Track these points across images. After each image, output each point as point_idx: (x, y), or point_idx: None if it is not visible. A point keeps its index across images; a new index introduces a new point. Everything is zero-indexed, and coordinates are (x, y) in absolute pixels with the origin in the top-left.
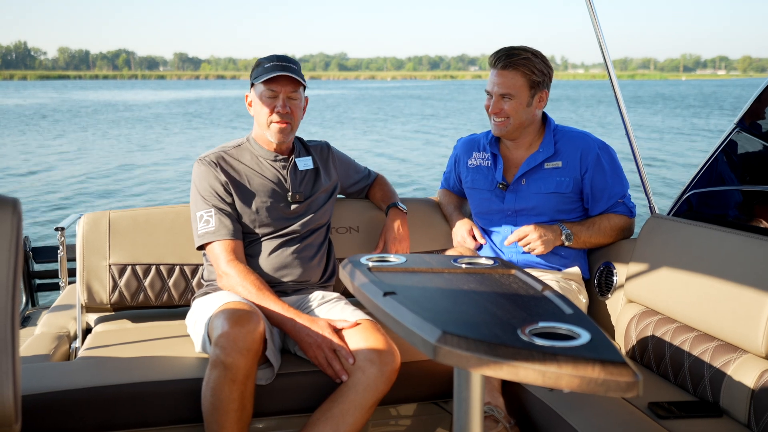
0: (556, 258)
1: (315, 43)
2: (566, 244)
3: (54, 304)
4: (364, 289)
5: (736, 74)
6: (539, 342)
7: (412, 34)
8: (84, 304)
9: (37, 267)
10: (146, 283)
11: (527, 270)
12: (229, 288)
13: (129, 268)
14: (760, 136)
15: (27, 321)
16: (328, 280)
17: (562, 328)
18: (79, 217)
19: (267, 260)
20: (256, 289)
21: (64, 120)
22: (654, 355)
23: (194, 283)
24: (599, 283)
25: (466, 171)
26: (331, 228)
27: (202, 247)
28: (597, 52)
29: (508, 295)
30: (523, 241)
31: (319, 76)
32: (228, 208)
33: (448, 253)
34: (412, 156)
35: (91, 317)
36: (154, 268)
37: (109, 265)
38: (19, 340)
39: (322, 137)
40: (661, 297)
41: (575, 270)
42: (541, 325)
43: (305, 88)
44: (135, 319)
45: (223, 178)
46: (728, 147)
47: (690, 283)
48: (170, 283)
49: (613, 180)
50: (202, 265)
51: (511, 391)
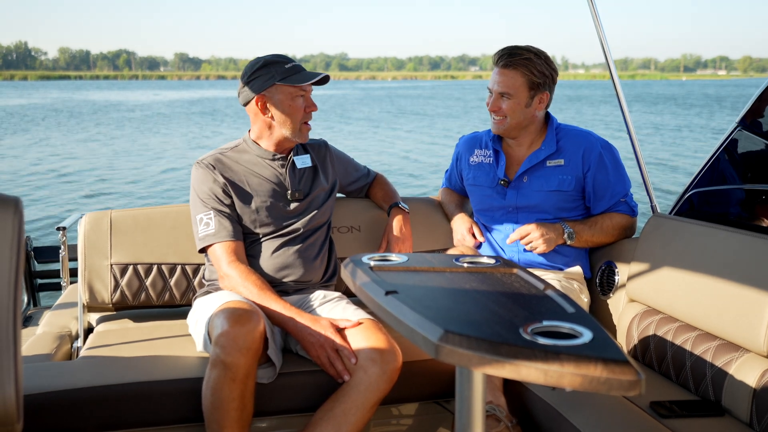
0: (557, 257)
1: (315, 43)
2: (568, 243)
3: (56, 304)
4: (366, 288)
5: (737, 74)
6: (541, 341)
7: (413, 35)
8: (85, 304)
9: (39, 267)
10: (148, 282)
11: (529, 269)
12: (231, 289)
13: (130, 268)
14: (761, 135)
15: (29, 321)
16: (330, 280)
17: (564, 326)
18: (81, 217)
19: (268, 260)
20: (258, 290)
21: (72, 120)
22: (656, 355)
23: (195, 282)
24: (601, 283)
25: (468, 168)
26: (333, 227)
27: (203, 250)
28: (597, 52)
29: (509, 293)
30: (525, 239)
31: None
32: (227, 210)
33: (450, 252)
34: (423, 156)
35: (93, 317)
36: (155, 268)
37: (111, 265)
38: (21, 339)
39: (337, 136)
40: (663, 296)
41: (577, 269)
42: (543, 323)
43: None
44: (136, 319)
45: (222, 180)
46: (730, 146)
47: (692, 282)
48: (172, 282)
49: (615, 179)
50: (204, 264)
51: (512, 390)
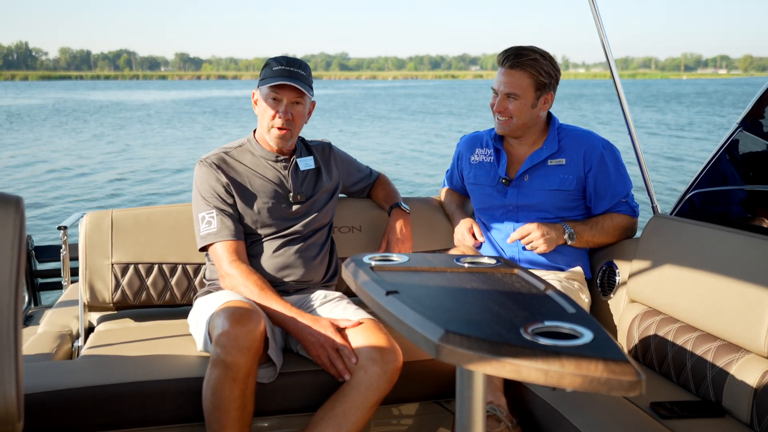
0: (558, 257)
1: (316, 42)
2: (569, 243)
3: (56, 303)
4: (367, 288)
5: (737, 73)
6: (542, 341)
7: (413, 34)
8: (86, 303)
9: (40, 266)
10: (149, 282)
11: (529, 270)
12: (231, 288)
13: (131, 267)
14: (762, 136)
15: (29, 320)
16: (331, 280)
17: (565, 327)
18: (82, 216)
19: (269, 260)
20: (259, 289)
21: (75, 120)
22: (656, 355)
23: (196, 282)
24: (602, 283)
25: (469, 167)
26: (334, 227)
27: (204, 249)
28: (598, 51)
29: (510, 294)
30: (526, 239)
31: (321, 76)
32: (229, 209)
33: (451, 252)
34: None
35: (94, 316)
36: (156, 267)
37: (112, 264)
38: (21, 338)
39: (351, 135)
40: (664, 297)
41: (577, 269)
42: (544, 324)
43: (312, 93)
44: (137, 318)
45: (225, 180)
46: (731, 146)
47: (692, 282)
48: (172, 282)
49: (616, 179)
50: (205, 264)
51: (513, 390)
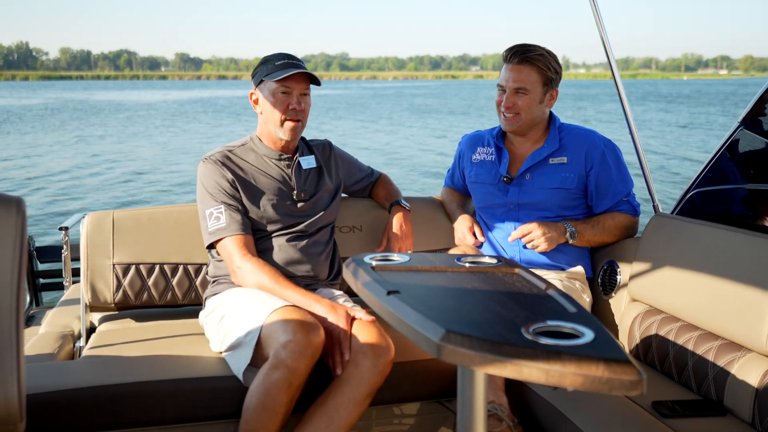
0: (559, 256)
1: (316, 42)
2: (570, 242)
3: (58, 304)
4: (368, 288)
5: (738, 74)
6: (543, 340)
7: (414, 34)
8: (88, 304)
9: (42, 267)
10: (150, 282)
11: (531, 269)
12: (244, 282)
13: (133, 268)
14: (763, 134)
15: (31, 320)
16: (335, 279)
17: (566, 326)
18: (83, 217)
19: (276, 256)
20: (273, 281)
21: (78, 120)
22: (658, 354)
23: (198, 282)
24: (603, 282)
25: (470, 166)
26: (335, 227)
27: (211, 245)
28: (598, 51)
29: (511, 293)
30: (527, 237)
31: (321, 77)
32: (237, 204)
33: (451, 251)
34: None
35: (95, 316)
36: (157, 268)
37: (113, 265)
38: (23, 339)
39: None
40: (665, 296)
41: (579, 269)
42: (545, 323)
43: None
44: (139, 319)
45: (230, 176)
46: (732, 145)
47: (694, 281)
48: (174, 282)
49: (617, 178)
50: (206, 264)
51: (514, 389)
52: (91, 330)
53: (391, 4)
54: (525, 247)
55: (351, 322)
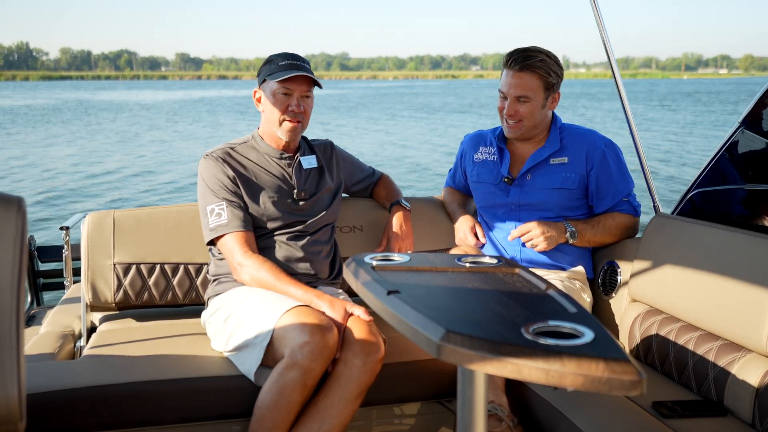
0: (560, 256)
1: (316, 42)
2: (570, 242)
3: (59, 303)
4: (368, 287)
5: (738, 73)
6: (543, 340)
7: (414, 34)
8: (89, 303)
9: (42, 266)
10: (151, 282)
11: (531, 269)
12: (246, 279)
13: (133, 267)
14: (764, 135)
15: (32, 320)
16: (336, 278)
17: (566, 326)
18: (84, 217)
19: (276, 254)
20: (275, 278)
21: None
22: (658, 354)
23: (198, 282)
24: (603, 283)
25: (472, 165)
26: (335, 227)
27: (212, 242)
28: (598, 51)
29: (511, 293)
30: (526, 236)
31: (321, 76)
32: (238, 200)
33: (452, 251)
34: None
35: (96, 316)
36: (158, 267)
37: (114, 264)
38: (24, 338)
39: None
40: (666, 296)
41: (579, 269)
42: (545, 323)
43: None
44: (139, 318)
45: (231, 173)
46: (732, 146)
47: (694, 282)
48: (174, 282)
49: (618, 178)
50: (207, 264)
51: (514, 389)
52: (92, 330)
53: (391, 4)
54: (524, 245)
55: (347, 319)
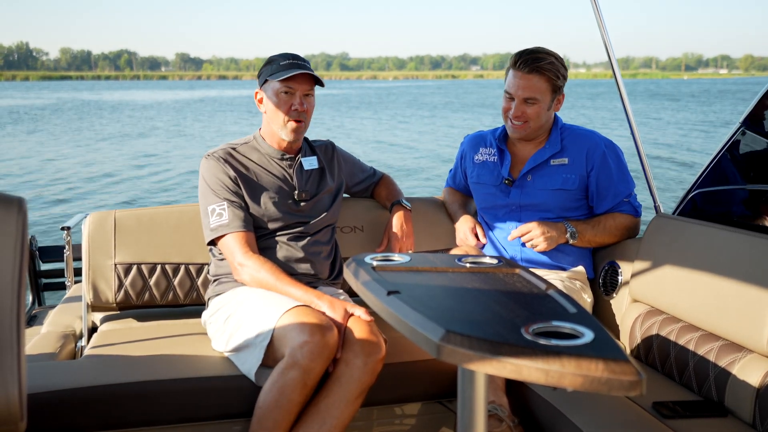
0: (561, 256)
1: (317, 42)
2: (571, 242)
3: (60, 303)
4: (368, 288)
5: (738, 73)
6: (543, 341)
7: (414, 34)
8: (90, 303)
9: (44, 266)
10: (152, 282)
11: (531, 269)
12: (246, 279)
13: (134, 268)
14: (764, 135)
15: (33, 320)
16: (336, 278)
17: (566, 326)
18: (85, 217)
19: (277, 254)
20: (275, 278)
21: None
22: (659, 355)
23: (199, 282)
24: (604, 283)
25: (472, 166)
26: (336, 227)
27: (212, 242)
28: (598, 51)
29: (511, 294)
30: (526, 236)
31: (321, 76)
32: (239, 200)
33: (453, 252)
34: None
35: (97, 316)
36: (159, 268)
37: (115, 265)
38: (24, 338)
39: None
40: (666, 296)
41: (580, 269)
42: (545, 324)
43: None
44: (140, 318)
45: (232, 173)
46: (733, 146)
47: (695, 282)
48: (175, 282)
49: (618, 178)
50: (207, 264)
51: (515, 390)
52: (93, 330)
53: (391, 4)
54: (524, 246)
55: (347, 320)
